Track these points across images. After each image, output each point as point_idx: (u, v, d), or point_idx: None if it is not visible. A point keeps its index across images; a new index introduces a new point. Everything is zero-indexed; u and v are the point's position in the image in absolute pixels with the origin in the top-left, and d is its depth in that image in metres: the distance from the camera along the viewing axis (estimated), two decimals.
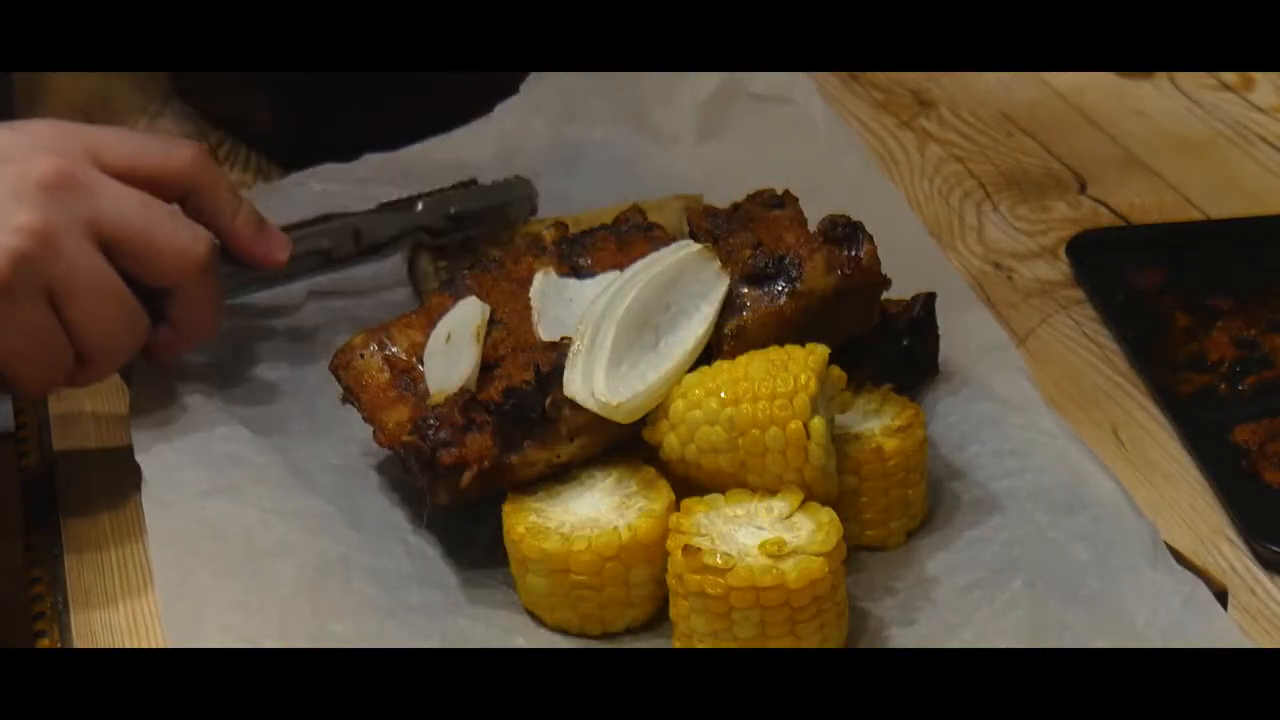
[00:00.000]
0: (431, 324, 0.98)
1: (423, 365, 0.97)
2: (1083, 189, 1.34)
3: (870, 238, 0.95)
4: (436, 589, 0.93)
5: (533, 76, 1.35)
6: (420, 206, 1.12)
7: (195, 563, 0.92)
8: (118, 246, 0.92)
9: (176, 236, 0.94)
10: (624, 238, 1.00)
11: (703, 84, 1.32)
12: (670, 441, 0.91)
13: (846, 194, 1.19)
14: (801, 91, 1.31)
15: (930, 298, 1.04)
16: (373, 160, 1.27)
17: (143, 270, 0.94)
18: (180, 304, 0.97)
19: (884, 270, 0.96)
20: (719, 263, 0.95)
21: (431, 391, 0.94)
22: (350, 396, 0.98)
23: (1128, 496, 0.95)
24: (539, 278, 0.98)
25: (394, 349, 0.98)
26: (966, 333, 1.08)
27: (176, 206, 0.96)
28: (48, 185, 0.90)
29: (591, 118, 1.34)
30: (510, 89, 1.34)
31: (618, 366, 0.91)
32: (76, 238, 0.90)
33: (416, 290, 1.14)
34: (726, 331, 0.93)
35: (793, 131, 1.30)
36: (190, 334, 0.99)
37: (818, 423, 0.88)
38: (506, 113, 1.34)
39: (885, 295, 0.99)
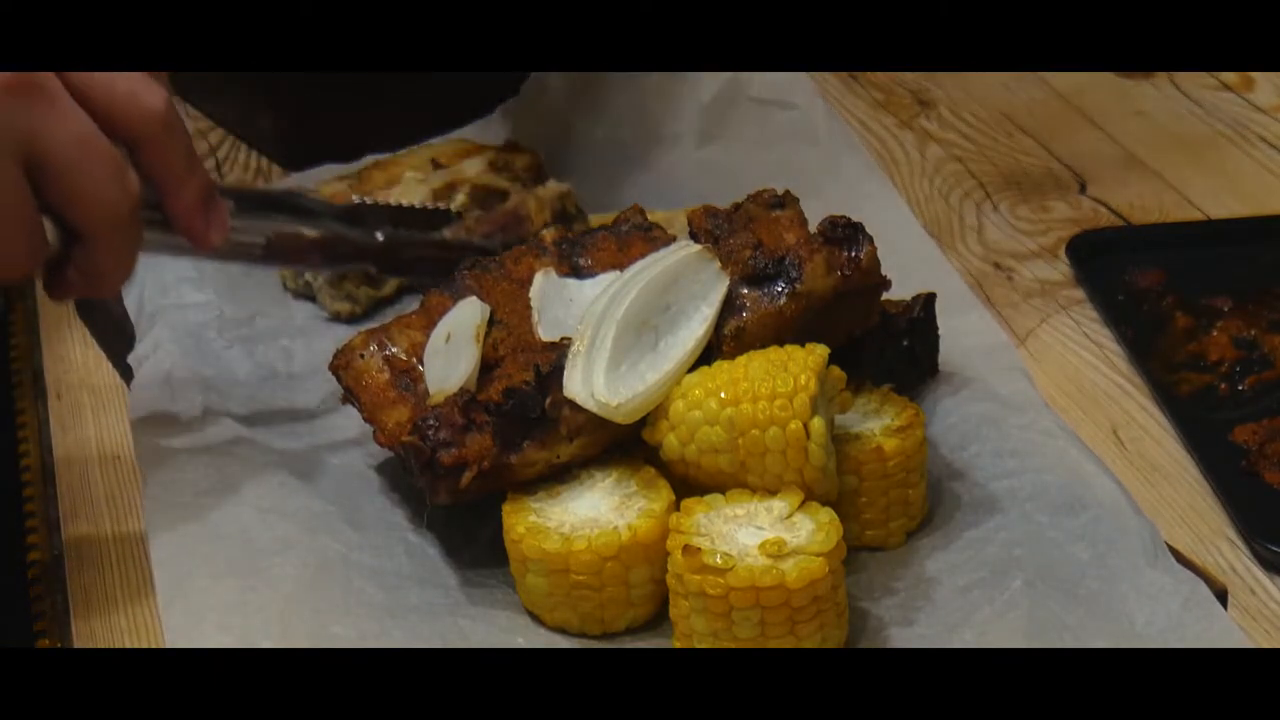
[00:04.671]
0: (431, 324, 0.98)
1: (423, 365, 0.97)
2: (1083, 189, 1.34)
3: (870, 239, 0.95)
4: (436, 589, 0.93)
5: (533, 77, 1.35)
6: (381, 237, 1.09)
7: (194, 562, 0.92)
8: (40, 171, 0.86)
9: (101, 189, 0.88)
10: (624, 238, 1.00)
11: (704, 85, 1.32)
12: (670, 442, 0.91)
13: (847, 195, 1.19)
14: (803, 93, 1.31)
15: (930, 298, 1.04)
16: (373, 160, 1.27)
17: (56, 204, 0.88)
18: (89, 249, 0.90)
19: (884, 271, 0.96)
20: (719, 263, 0.95)
21: (431, 391, 0.94)
22: (350, 396, 0.98)
23: (1128, 496, 0.95)
24: (539, 278, 0.98)
25: (394, 349, 0.98)
26: (966, 333, 1.08)
27: (120, 152, 0.90)
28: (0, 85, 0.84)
29: (592, 119, 1.34)
30: (510, 89, 1.35)
31: (617, 367, 0.91)
32: (1, 145, 0.84)
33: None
34: (726, 332, 0.93)
35: (794, 133, 1.30)
36: (93, 282, 0.93)
37: (818, 423, 0.88)
38: (507, 113, 1.34)
39: (885, 295, 0.99)
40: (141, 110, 0.90)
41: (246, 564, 0.92)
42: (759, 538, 0.87)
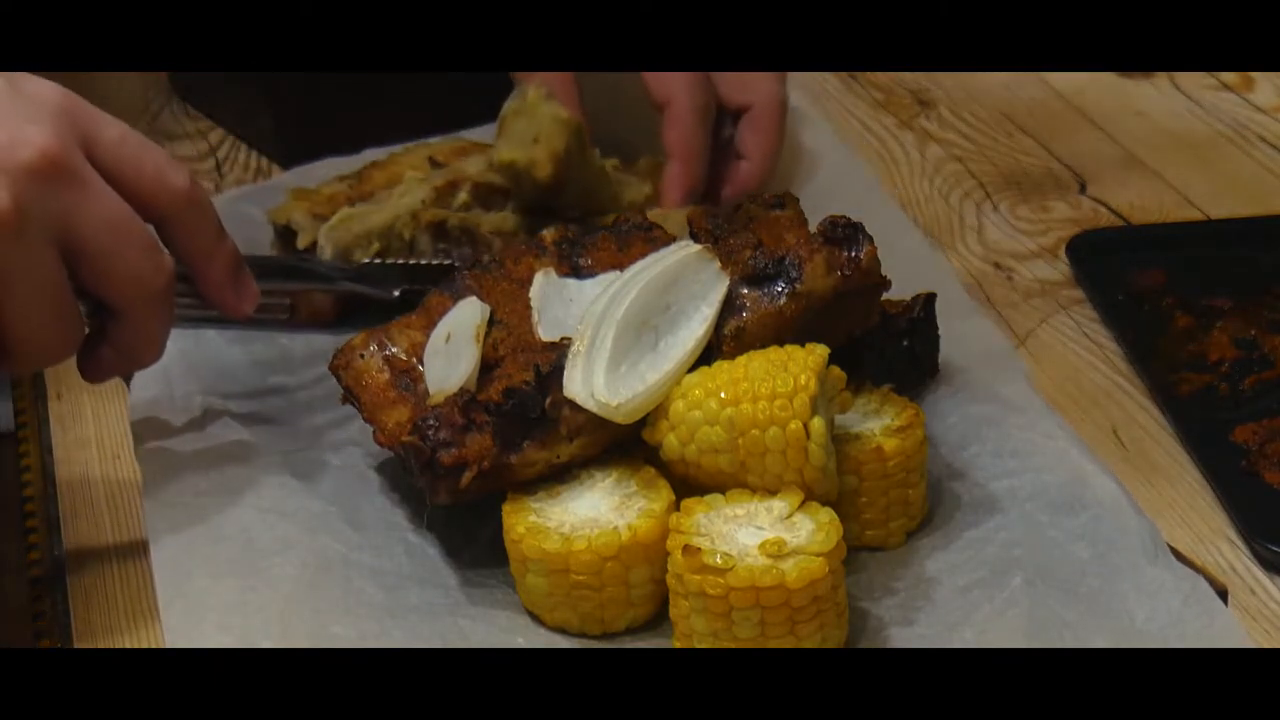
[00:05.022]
0: (431, 324, 0.98)
1: (423, 365, 0.97)
2: (1083, 189, 1.34)
3: (870, 239, 0.95)
4: (436, 589, 0.93)
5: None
6: (397, 294, 1.10)
7: (194, 562, 0.92)
8: (75, 255, 0.88)
9: (136, 269, 0.89)
10: (624, 238, 1.00)
11: None
12: (670, 442, 0.91)
13: (847, 195, 1.19)
14: (802, 94, 1.31)
15: (930, 298, 1.04)
16: (372, 155, 1.27)
17: (91, 286, 0.90)
18: (123, 327, 0.92)
19: (884, 271, 0.96)
20: (719, 263, 0.95)
21: (431, 391, 0.94)
22: (350, 396, 0.98)
23: (1128, 496, 0.95)
24: (539, 278, 0.98)
25: (394, 349, 0.98)
26: (966, 333, 1.08)
27: (150, 230, 0.91)
28: (32, 170, 0.85)
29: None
30: (510, 89, 1.34)
31: (617, 367, 0.91)
32: (37, 231, 0.85)
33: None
34: (726, 332, 0.93)
35: (793, 133, 1.30)
36: (128, 358, 0.95)
37: (818, 423, 0.88)
38: None
39: (885, 295, 0.99)
40: (169, 189, 0.92)
41: (246, 564, 0.92)
42: (759, 538, 0.87)
